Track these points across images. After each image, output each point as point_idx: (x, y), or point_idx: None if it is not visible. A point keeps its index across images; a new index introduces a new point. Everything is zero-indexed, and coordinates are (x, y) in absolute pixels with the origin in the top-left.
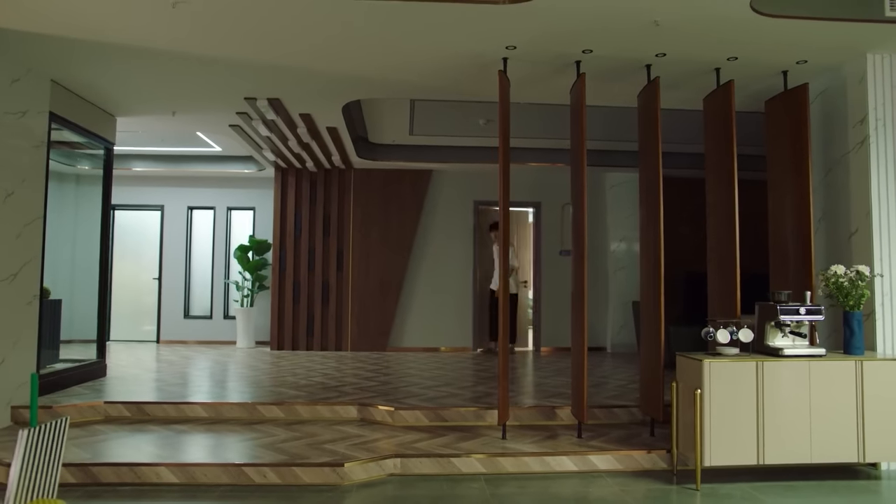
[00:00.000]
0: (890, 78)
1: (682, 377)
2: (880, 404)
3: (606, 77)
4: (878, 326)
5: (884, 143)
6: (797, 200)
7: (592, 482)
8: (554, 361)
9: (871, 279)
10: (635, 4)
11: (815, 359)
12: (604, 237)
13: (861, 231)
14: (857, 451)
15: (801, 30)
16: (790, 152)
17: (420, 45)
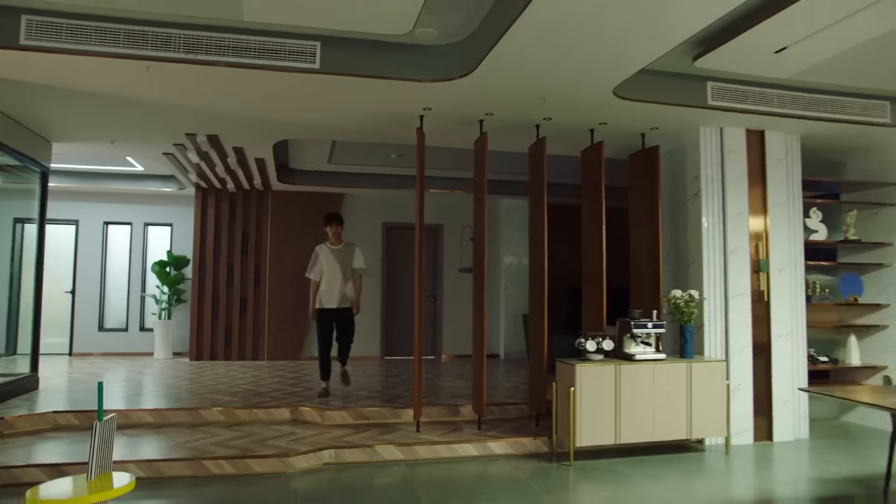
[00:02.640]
0: (717, 146)
1: (560, 378)
2: (704, 394)
3: (504, 131)
4: (706, 337)
5: (712, 195)
6: (650, 237)
7: (490, 463)
8: (454, 368)
9: (699, 301)
10: (527, 87)
11: (657, 362)
12: (498, 255)
13: (695, 263)
14: (687, 430)
15: (652, 109)
16: (646, 198)
17: (351, 105)
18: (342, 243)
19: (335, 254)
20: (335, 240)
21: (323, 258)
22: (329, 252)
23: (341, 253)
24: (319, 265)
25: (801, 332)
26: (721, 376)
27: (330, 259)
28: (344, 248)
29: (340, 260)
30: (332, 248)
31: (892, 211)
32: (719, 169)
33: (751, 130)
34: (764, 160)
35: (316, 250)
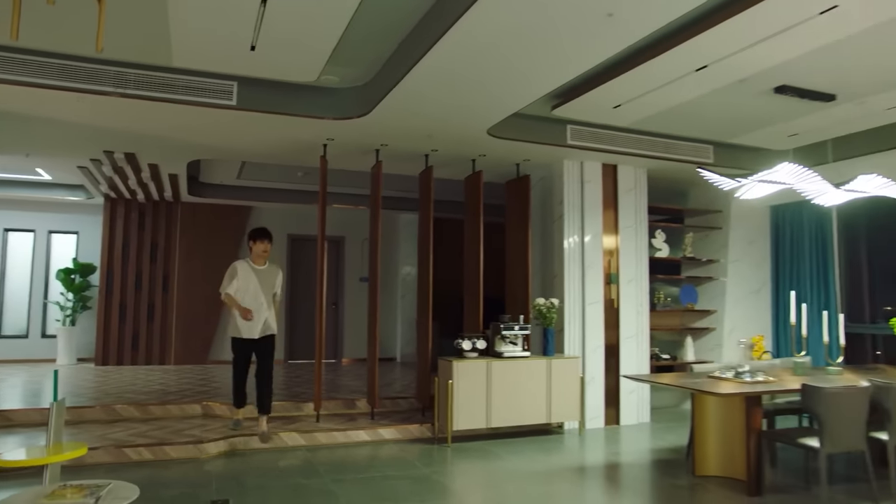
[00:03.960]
0: (578, 176)
1: (441, 374)
2: (562, 386)
3: (398, 159)
4: (566, 337)
5: (573, 217)
6: (521, 253)
7: (381, 446)
8: (354, 369)
9: (560, 307)
10: (415, 126)
11: (523, 358)
12: (396, 266)
13: (558, 275)
14: (547, 416)
15: (522, 146)
16: (519, 219)
17: (263, 134)
18: (266, 264)
19: (259, 275)
20: (261, 259)
21: (243, 277)
22: (251, 272)
23: (266, 274)
24: (236, 282)
25: (645, 334)
26: (576, 371)
27: (252, 280)
28: (268, 269)
29: (264, 283)
30: (256, 269)
31: (720, 233)
32: (580, 196)
33: (606, 164)
34: (616, 189)
35: (235, 266)
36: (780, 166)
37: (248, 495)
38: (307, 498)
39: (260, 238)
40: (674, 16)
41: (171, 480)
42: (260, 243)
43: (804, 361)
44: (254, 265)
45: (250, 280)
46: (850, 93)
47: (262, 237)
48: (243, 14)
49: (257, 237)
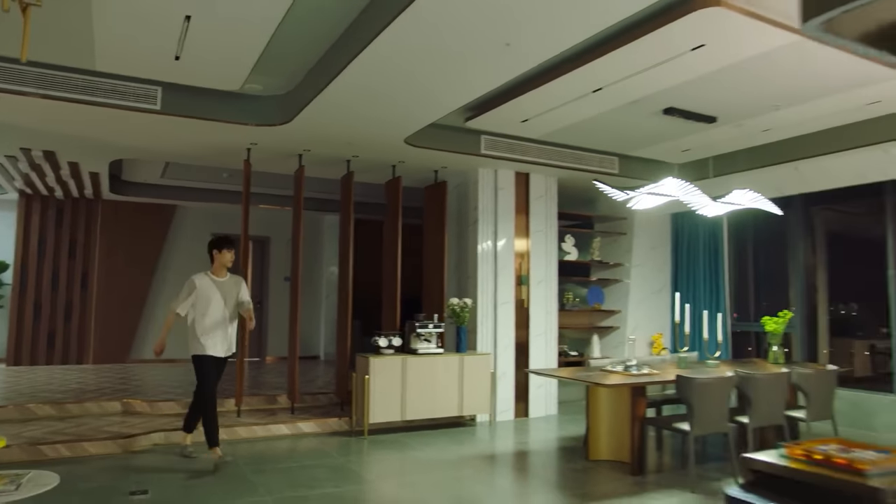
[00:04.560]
0: (492, 183)
1: (358, 369)
2: (473, 381)
3: (321, 163)
4: (478, 335)
5: (487, 222)
6: (438, 255)
7: (300, 439)
8: (278, 367)
9: (472, 307)
10: (335, 134)
11: (437, 355)
12: (321, 267)
13: (472, 276)
14: (459, 409)
15: (439, 154)
16: (437, 224)
17: (187, 138)
18: (228, 275)
19: (221, 288)
20: (223, 270)
21: (203, 292)
22: (212, 285)
23: (228, 287)
24: (193, 300)
25: (554, 333)
26: (488, 367)
27: (214, 294)
28: (230, 280)
29: (227, 295)
30: (218, 281)
31: (625, 239)
32: (493, 202)
33: (519, 173)
34: (528, 196)
35: (193, 281)
36: (665, 180)
37: (167, 487)
38: (226, 487)
39: (227, 246)
40: (564, 46)
41: (89, 474)
42: (227, 252)
43: (687, 356)
44: (215, 277)
45: (213, 294)
46: (729, 116)
47: (231, 245)
48: (168, 26)
49: (224, 246)
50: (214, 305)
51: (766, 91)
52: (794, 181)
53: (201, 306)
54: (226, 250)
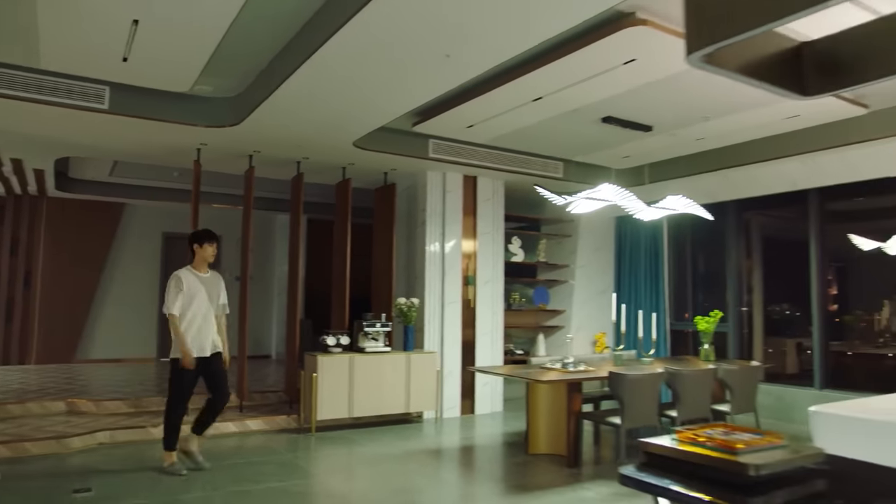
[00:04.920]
0: (440, 186)
1: (307, 368)
2: (420, 378)
3: (272, 164)
4: (426, 334)
5: (435, 224)
6: (387, 256)
7: (248, 437)
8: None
9: (420, 306)
10: (285, 137)
11: (384, 353)
12: (273, 266)
13: (420, 277)
14: (406, 406)
15: (388, 157)
16: (386, 225)
17: (136, 137)
18: (209, 271)
19: (205, 284)
20: (205, 266)
21: (189, 288)
22: (197, 281)
23: (210, 283)
24: (182, 296)
25: (500, 332)
26: (434, 365)
27: (199, 291)
28: (212, 277)
29: (209, 292)
30: (201, 277)
31: (570, 241)
32: (441, 204)
33: (467, 176)
34: (476, 199)
35: (178, 276)
36: (601, 186)
37: (111, 485)
38: (171, 484)
39: (209, 240)
40: (503, 59)
41: (32, 473)
42: (209, 246)
43: (623, 354)
44: (198, 273)
45: (198, 290)
46: (664, 125)
47: (212, 239)
48: (115, 28)
49: (206, 240)
50: (199, 302)
51: (695, 103)
52: (726, 188)
53: (185, 304)
54: (207, 244)
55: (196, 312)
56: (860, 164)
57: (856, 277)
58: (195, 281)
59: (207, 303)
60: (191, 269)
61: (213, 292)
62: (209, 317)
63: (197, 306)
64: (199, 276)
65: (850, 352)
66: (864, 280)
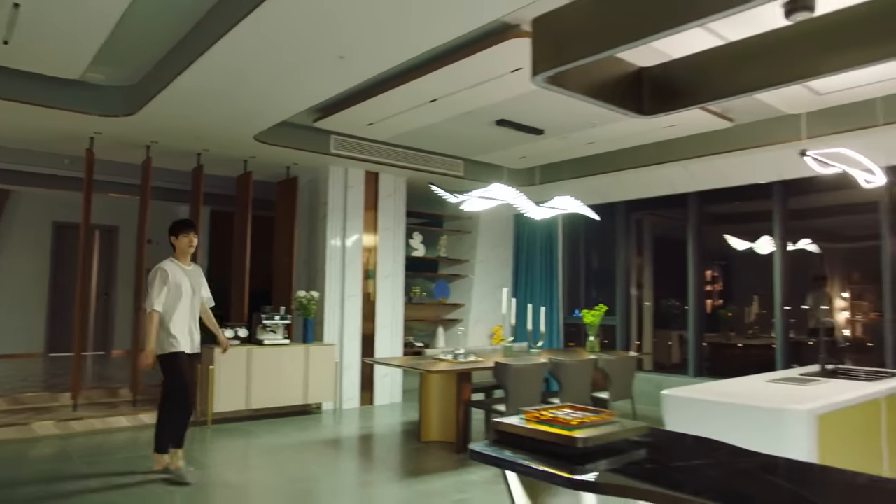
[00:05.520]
0: (342, 181)
1: (204, 360)
2: (319, 370)
3: (170, 155)
4: (325, 327)
5: (337, 218)
6: (288, 249)
7: (142, 431)
8: (126, 361)
9: (321, 299)
10: (183, 129)
11: (282, 346)
12: None
13: (321, 270)
14: (304, 397)
15: (290, 152)
16: (287, 218)
17: (22, 123)
18: (192, 263)
19: (189, 276)
20: (187, 257)
21: (174, 280)
22: (181, 272)
23: (194, 275)
24: (166, 291)
25: (399, 325)
26: (332, 357)
27: (184, 283)
28: (195, 269)
29: (194, 284)
30: (185, 269)
31: (471, 237)
32: (343, 199)
33: (369, 172)
34: (377, 195)
35: (164, 269)
36: (492, 186)
37: None
38: (56, 482)
39: (184, 230)
40: (395, 62)
41: None
42: (184, 237)
43: (513, 345)
44: (182, 264)
45: (183, 282)
46: (555, 129)
47: (187, 228)
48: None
49: (181, 231)
50: (186, 295)
51: (580, 111)
52: (616, 189)
53: (173, 297)
54: (182, 235)
55: (185, 306)
56: (728, 171)
57: (736, 275)
58: (179, 272)
59: (192, 296)
60: (174, 260)
61: (196, 284)
62: (196, 311)
63: (185, 300)
64: (184, 267)
65: (725, 342)
66: (741, 277)
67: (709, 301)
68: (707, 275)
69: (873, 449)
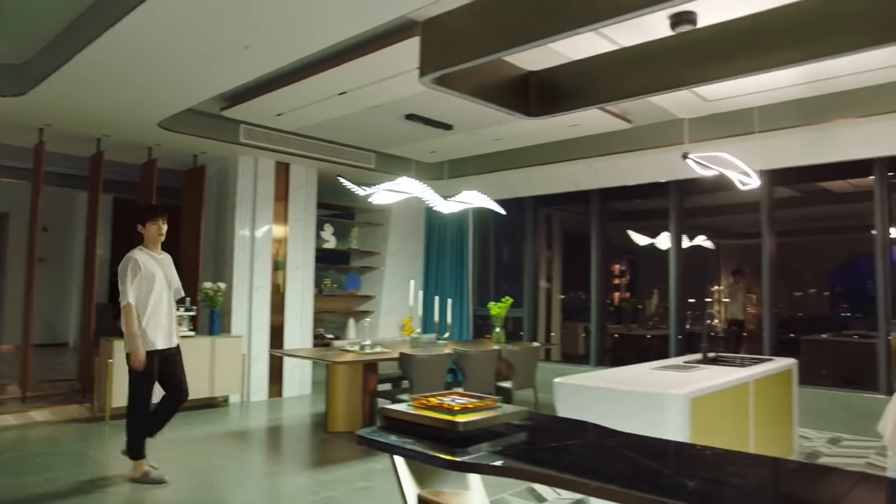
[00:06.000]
0: (252, 171)
1: (102, 354)
2: (225, 362)
3: (67, 139)
4: (233, 319)
5: (246, 209)
6: (195, 240)
7: (31, 428)
8: (14, 356)
9: (227, 291)
10: (80, 112)
11: (188, 338)
12: (73, 247)
13: (229, 261)
14: (210, 390)
15: (197, 140)
16: (194, 208)
17: None
18: (162, 252)
19: (162, 265)
20: (157, 246)
21: (146, 272)
22: (153, 262)
23: (167, 264)
24: (138, 281)
25: (309, 316)
26: (240, 349)
27: (157, 273)
28: (165, 257)
29: (167, 274)
30: (157, 258)
31: (382, 229)
32: (253, 189)
33: (279, 162)
34: (288, 185)
35: (135, 259)
36: (399, 179)
37: None
38: None
39: (150, 218)
40: (300, 55)
41: None
42: (153, 224)
43: (420, 337)
44: (153, 253)
45: (156, 272)
46: (463, 125)
47: (154, 215)
48: None
49: (147, 218)
50: (159, 286)
51: (487, 107)
52: (525, 185)
53: (145, 288)
54: (150, 223)
55: (159, 298)
56: (628, 170)
57: (642, 269)
58: (152, 262)
59: (167, 286)
60: (143, 249)
61: (169, 274)
62: (172, 302)
63: (158, 291)
64: (155, 256)
65: (626, 333)
66: (645, 271)
67: (616, 294)
68: (615, 269)
69: (742, 428)
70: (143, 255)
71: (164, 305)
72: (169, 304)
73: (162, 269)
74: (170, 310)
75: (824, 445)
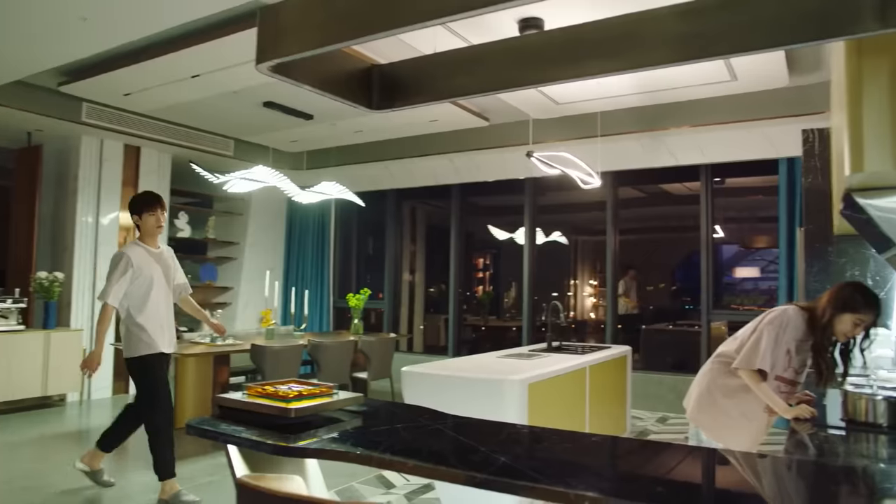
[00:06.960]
0: (97, 154)
1: None
2: (61, 358)
3: None
4: (73, 311)
5: (89, 194)
6: (28, 226)
7: None
8: None
9: (66, 281)
10: None
11: (16, 332)
12: None
13: (69, 249)
14: (43, 388)
15: (32, 116)
16: (28, 191)
17: None
18: (161, 245)
19: (160, 261)
20: (155, 239)
21: (141, 268)
22: (149, 258)
23: (166, 259)
24: (127, 282)
25: None
26: (79, 343)
27: (155, 270)
28: (164, 251)
29: (167, 271)
30: (154, 252)
31: (242, 218)
32: (98, 173)
33: (129, 145)
34: (138, 170)
35: (126, 256)
36: (255, 168)
37: None
38: None
39: (150, 207)
40: (147, 32)
41: None
42: (150, 215)
43: (276, 328)
44: (150, 247)
45: (153, 269)
46: (324, 115)
47: (152, 206)
48: None
49: (149, 205)
50: (158, 285)
51: None
52: (386, 178)
53: (143, 287)
54: (147, 213)
55: (158, 298)
56: (486, 167)
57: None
58: (147, 258)
59: (166, 284)
60: (139, 243)
61: (168, 270)
62: (171, 301)
63: (157, 290)
64: (152, 251)
65: (483, 325)
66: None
67: (481, 287)
68: (479, 262)
69: (578, 410)
70: (139, 250)
71: (163, 305)
72: (168, 305)
73: (161, 265)
74: (169, 310)
75: (653, 424)
